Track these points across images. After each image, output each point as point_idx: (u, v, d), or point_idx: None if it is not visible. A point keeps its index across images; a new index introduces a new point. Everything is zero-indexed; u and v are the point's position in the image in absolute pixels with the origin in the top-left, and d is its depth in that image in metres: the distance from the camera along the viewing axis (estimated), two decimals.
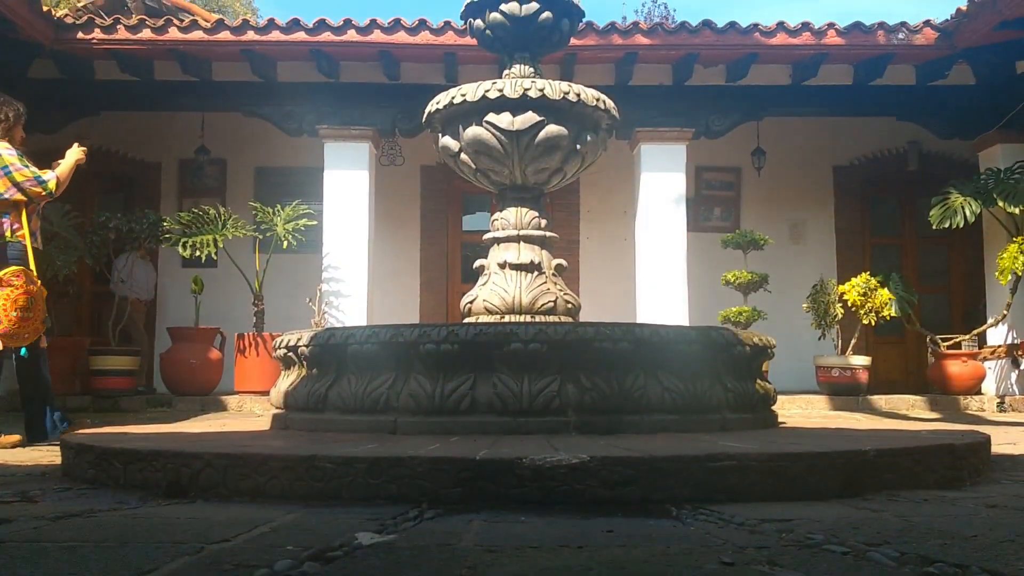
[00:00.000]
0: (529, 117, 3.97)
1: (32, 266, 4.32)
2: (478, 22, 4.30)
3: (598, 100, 4.07)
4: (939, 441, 2.68)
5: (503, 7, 4.18)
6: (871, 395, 8.04)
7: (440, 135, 4.29)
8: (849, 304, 8.13)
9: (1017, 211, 7.72)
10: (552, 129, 4.00)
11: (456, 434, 2.98)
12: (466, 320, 4.07)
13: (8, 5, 6.98)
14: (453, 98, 4.04)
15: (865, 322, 8.13)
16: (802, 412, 7.38)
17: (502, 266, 4.16)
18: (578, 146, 4.12)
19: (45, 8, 7.58)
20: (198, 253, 7.93)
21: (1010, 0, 6.99)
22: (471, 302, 4.20)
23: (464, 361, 3.11)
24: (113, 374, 7.90)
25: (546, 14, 4.20)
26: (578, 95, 3.99)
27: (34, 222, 4.52)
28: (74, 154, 4.66)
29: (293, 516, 1.99)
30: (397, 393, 3.16)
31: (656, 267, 8.35)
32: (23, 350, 4.26)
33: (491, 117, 4.00)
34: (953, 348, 8.39)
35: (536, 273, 4.14)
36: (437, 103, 4.13)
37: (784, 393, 6.50)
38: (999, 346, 8.32)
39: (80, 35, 7.75)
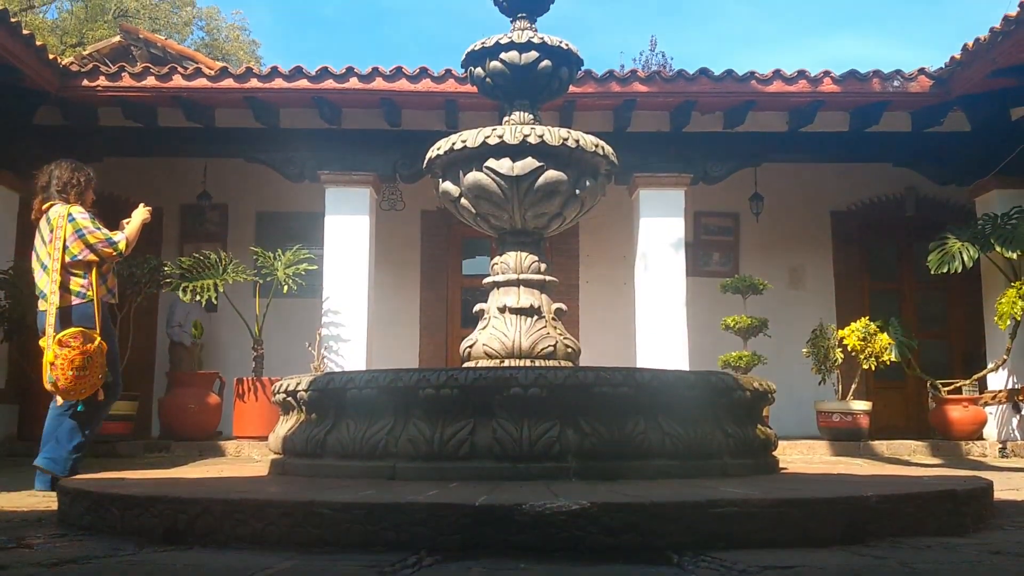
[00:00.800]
0: (529, 163, 4.00)
1: (98, 325, 4.54)
2: (478, 70, 4.36)
3: (597, 146, 4.11)
4: (941, 487, 2.66)
5: (503, 56, 4.24)
6: (872, 440, 7.99)
7: (441, 180, 4.32)
8: (849, 349, 8.11)
9: (1015, 256, 7.74)
10: (551, 174, 4.04)
11: (455, 480, 2.96)
12: (466, 364, 4.07)
13: (16, 54, 7.08)
14: (454, 144, 4.08)
15: (865, 367, 8.11)
16: (803, 458, 7.34)
17: (502, 310, 4.17)
18: (577, 191, 4.15)
19: (51, 56, 7.68)
20: (198, 298, 7.94)
21: (1002, 49, 7.09)
22: (471, 346, 4.19)
23: (463, 406, 3.10)
24: (111, 419, 7.83)
25: (545, 63, 4.26)
26: (577, 141, 4.03)
27: (110, 279, 4.80)
28: (140, 214, 4.89)
29: (291, 563, 1.98)
30: (396, 438, 3.14)
31: (656, 311, 8.36)
32: (80, 405, 4.48)
33: (491, 163, 4.03)
34: (954, 393, 8.36)
35: (536, 317, 4.14)
36: (438, 149, 4.17)
37: (785, 438, 6.46)
38: (1000, 391, 8.30)
39: (85, 82, 7.84)
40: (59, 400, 4.46)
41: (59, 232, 4.54)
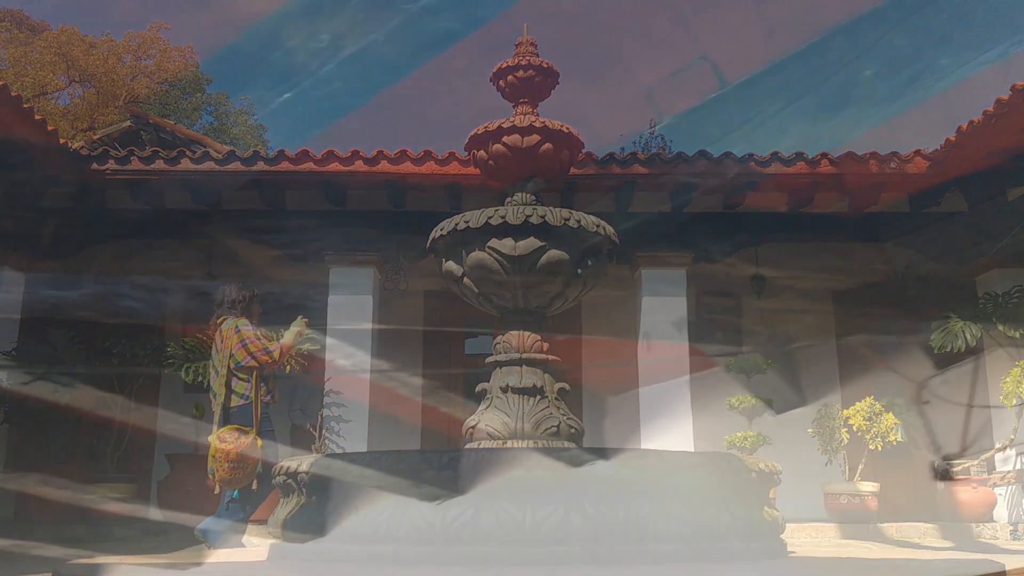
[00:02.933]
0: (531, 242, 4.05)
1: (255, 423, 5.25)
2: (481, 153, 4.44)
3: (598, 226, 4.15)
4: (953, 571, 2.61)
5: (506, 139, 4.33)
6: (881, 522, 7.85)
7: (444, 260, 4.36)
8: (855, 429, 8.03)
9: (1017, 335, 7.72)
10: (553, 254, 4.07)
11: (458, 564, 2.91)
12: (468, 445, 4.04)
13: (27, 139, 7.23)
14: (457, 224, 4.13)
15: (871, 447, 8.01)
16: (811, 541, 7.20)
17: (504, 390, 4.15)
18: (579, 270, 4.18)
19: (62, 141, 7.83)
20: (200, 378, 7.91)
21: (996, 131, 7.19)
22: (473, 427, 4.16)
23: (466, 488, 3.06)
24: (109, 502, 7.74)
25: (547, 145, 4.35)
26: (578, 221, 4.07)
27: (271, 383, 5.56)
28: (297, 325, 5.70)
29: None
30: (397, 521, 3.09)
31: (659, 391, 8.31)
32: (235, 492, 5.17)
33: (494, 243, 4.07)
34: (962, 474, 8.24)
35: (539, 397, 4.13)
36: (441, 229, 4.22)
37: (792, 521, 6.35)
38: (1008, 472, 8.17)
39: (95, 166, 7.94)
40: (217, 489, 5.16)
41: (228, 342, 5.35)
